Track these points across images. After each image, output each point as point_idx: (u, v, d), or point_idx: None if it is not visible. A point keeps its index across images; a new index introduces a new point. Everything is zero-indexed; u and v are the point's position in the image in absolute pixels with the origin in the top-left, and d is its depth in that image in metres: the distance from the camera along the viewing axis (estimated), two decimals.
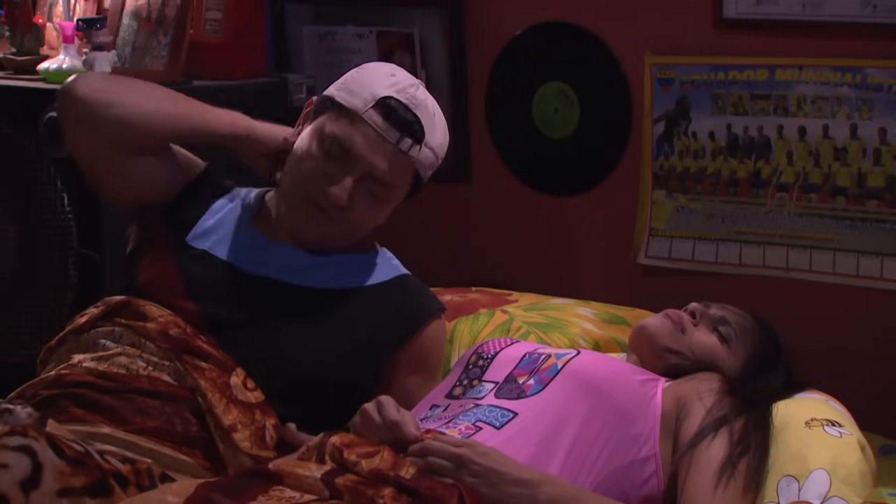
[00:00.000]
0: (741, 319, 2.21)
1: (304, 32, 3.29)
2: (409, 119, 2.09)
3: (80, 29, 2.92)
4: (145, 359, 2.01)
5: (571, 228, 3.00)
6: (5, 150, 2.88)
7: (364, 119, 2.08)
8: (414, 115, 2.09)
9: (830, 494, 1.92)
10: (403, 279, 2.23)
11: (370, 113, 2.08)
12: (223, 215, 2.20)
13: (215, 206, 2.21)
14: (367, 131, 2.08)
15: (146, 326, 2.03)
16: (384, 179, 2.10)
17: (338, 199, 2.08)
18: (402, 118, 2.09)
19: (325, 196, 2.08)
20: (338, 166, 2.08)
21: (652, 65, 2.80)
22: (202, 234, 2.17)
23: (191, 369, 1.99)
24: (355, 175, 2.08)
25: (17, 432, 1.72)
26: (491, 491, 1.80)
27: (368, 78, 2.13)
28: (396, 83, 2.12)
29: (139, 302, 2.08)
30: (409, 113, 2.09)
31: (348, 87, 2.13)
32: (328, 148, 2.09)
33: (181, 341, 2.02)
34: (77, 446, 1.76)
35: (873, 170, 2.57)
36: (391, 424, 1.88)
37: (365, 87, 2.11)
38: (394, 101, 2.09)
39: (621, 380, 2.04)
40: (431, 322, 2.21)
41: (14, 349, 2.87)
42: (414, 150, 2.10)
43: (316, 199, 2.10)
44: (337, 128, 2.09)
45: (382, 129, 2.08)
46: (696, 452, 1.93)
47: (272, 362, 2.06)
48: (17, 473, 1.67)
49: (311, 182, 2.10)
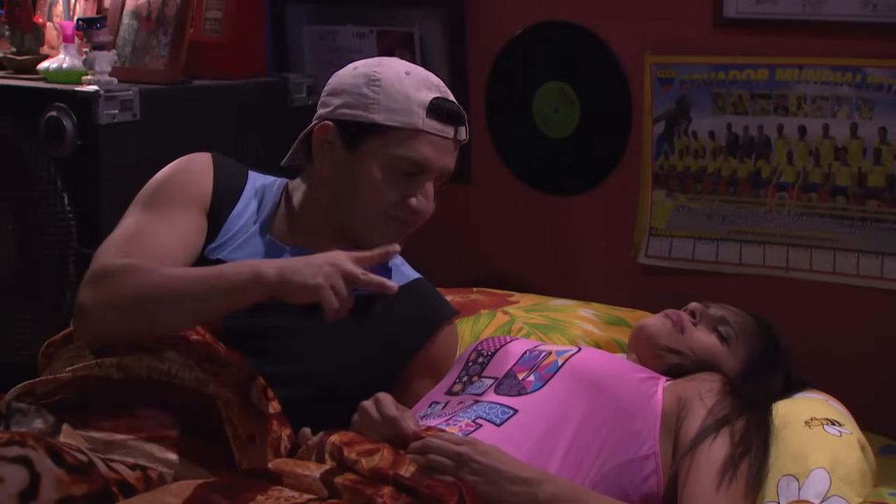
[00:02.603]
0: (741, 319, 2.21)
1: (304, 32, 3.29)
2: (456, 109, 2.11)
3: (80, 28, 2.92)
4: (166, 366, 1.98)
5: (571, 228, 3.00)
6: (5, 150, 2.88)
7: (426, 130, 2.07)
8: (456, 105, 2.12)
9: (830, 493, 1.92)
10: (416, 284, 2.23)
11: (429, 122, 2.07)
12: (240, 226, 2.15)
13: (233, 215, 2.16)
14: (432, 140, 2.08)
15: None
16: (452, 172, 2.14)
17: (428, 210, 2.11)
18: (451, 112, 2.10)
19: (412, 211, 2.09)
20: (412, 180, 2.09)
21: (652, 64, 2.80)
22: (220, 245, 2.13)
23: (211, 377, 1.98)
24: (433, 181, 2.10)
25: (15, 442, 1.71)
26: (491, 489, 1.80)
27: (397, 89, 2.08)
28: (419, 80, 2.11)
29: None
30: (452, 104, 2.11)
31: (384, 105, 2.07)
32: (401, 169, 2.08)
33: (201, 349, 2.00)
34: (80, 455, 1.75)
35: (873, 169, 2.57)
36: (390, 420, 1.88)
37: (403, 100, 2.07)
38: (439, 101, 2.09)
39: (622, 377, 2.04)
40: (444, 327, 2.21)
41: (14, 349, 2.87)
42: (465, 134, 2.14)
43: (400, 215, 2.10)
44: (401, 149, 2.07)
45: (443, 131, 2.09)
46: (697, 452, 1.93)
47: (292, 371, 2.05)
48: (13, 486, 1.66)
49: (392, 205, 2.09)
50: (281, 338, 2.07)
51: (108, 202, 2.61)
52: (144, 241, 2.02)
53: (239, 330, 2.05)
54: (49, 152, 2.80)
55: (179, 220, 2.07)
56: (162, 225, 2.05)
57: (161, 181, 2.13)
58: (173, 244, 2.03)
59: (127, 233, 2.05)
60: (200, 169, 2.16)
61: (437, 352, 2.20)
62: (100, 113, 2.74)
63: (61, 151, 2.79)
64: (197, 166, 2.17)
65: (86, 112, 2.75)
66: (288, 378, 2.03)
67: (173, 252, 2.02)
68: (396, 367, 2.15)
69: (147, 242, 2.01)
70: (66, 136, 2.76)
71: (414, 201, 2.09)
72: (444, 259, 2.98)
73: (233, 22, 3.02)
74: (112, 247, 2.02)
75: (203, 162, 2.18)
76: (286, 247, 2.13)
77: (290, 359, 2.06)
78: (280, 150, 2.23)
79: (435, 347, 2.19)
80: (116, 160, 2.77)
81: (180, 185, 2.12)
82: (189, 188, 2.12)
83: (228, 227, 2.14)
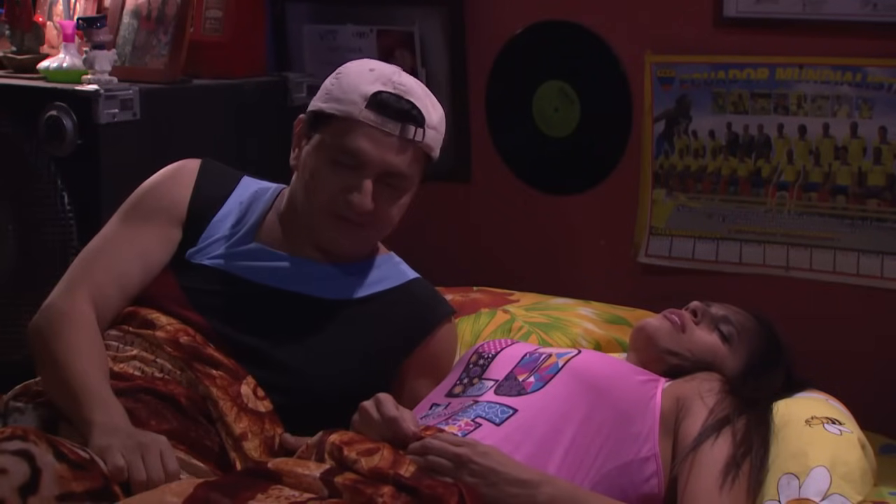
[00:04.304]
0: (742, 319, 2.21)
1: (305, 31, 3.29)
2: (405, 107, 2.06)
3: (81, 28, 2.92)
4: (159, 364, 2.00)
5: (571, 227, 3.00)
6: (5, 149, 2.88)
7: (362, 121, 2.05)
8: (408, 102, 2.07)
9: (831, 491, 1.92)
10: (412, 284, 2.22)
11: (366, 113, 2.05)
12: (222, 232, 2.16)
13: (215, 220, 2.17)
14: (369, 132, 2.05)
15: (155, 335, 2.02)
16: (400, 172, 2.08)
17: (362, 205, 2.05)
18: (397, 108, 2.06)
19: (349, 206, 2.05)
20: (352, 174, 2.05)
21: (652, 63, 2.80)
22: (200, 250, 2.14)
23: (202, 377, 1.99)
24: (372, 177, 2.05)
25: (17, 436, 1.71)
26: (490, 490, 1.80)
27: (349, 81, 2.09)
28: (378, 76, 2.08)
29: (146, 310, 2.07)
30: (402, 101, 2.06)
31: (333, 95, 2.08)
32: (337, 159, 2.06)
33: (192, 349, 2.01)
34: (82, 452, 1.75)
35: (873, 168, 2.57)
36: (389, 421, 1.88)
37: (350, 91, 2.07)
38: (384, 95, 2.06)
39: (622, 379, 2.04)
40: (441, 326, 2.20)
41: (14, 348, 2.87)
42: (418, 134, 2.07)
43: (340, 211, 2.07)
44: (339, 139, 2.05)
45: (383, 124, 2.05)
46: (699, 453, 1.93)
47: (285, 374, 2.05)
48: (15, 479, 1.66)
49: (330, 199, 2.07)
50: (276, 342, 2.07)
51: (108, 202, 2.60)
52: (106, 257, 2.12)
53: (232, 337, 2.05)
54: (49, 152, 2.79)
55: (145, 234, 2.13)
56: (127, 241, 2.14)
57: (141, 192, 2.20)
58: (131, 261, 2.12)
59: (98, 245, 2.15)
60: (182, 177, 2.20)
61: (436, 350, 2.19)
62: (100, 112, 2.74)
63: (61, 151, 2.78)
64: (179, 176, 2.20)
65: (86, 111, 2.75)
66: (279, 381, 2.04)
67: (131, 269, 2.11)
68: (394, 366, 2.15)
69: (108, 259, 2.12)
70: (67, 135, 2.76)
71: (355, 196, 2.05)
72: (444, 258, 2.98)
73: (233, 21, 3.02)
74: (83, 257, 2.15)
75: (188, 170, 2.21)
76: (275, 252, 2.13)
77: (280, 362, 2.05)
78: (280, 149, 2.23)
79: (433, 345, 2.18)
80: (116, 159, 2.77)
81: (158, 196, 2.17)
82: (165, 198, 2.17)
83: (210, 232, 2.15)
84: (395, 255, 2.24)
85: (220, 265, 2.12)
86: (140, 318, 2.06)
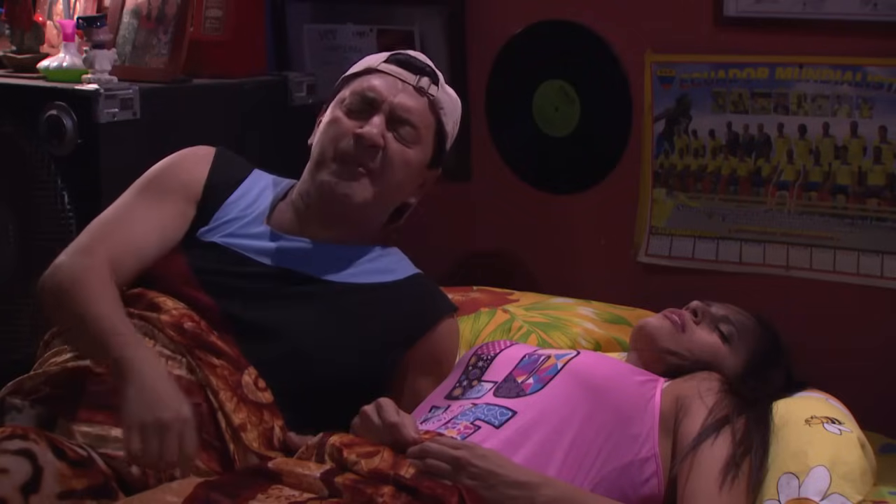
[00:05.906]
0: (743, 318, 2.21)
1: (305, 30, 3.29)
2: (423, 64, 2.18)
3: (80, 27, 2.92)
4: (158, 350, 1.99)
5: (572, 226, 2.99)
6: (5, 148, 2.88)
7: (380, 69, 2.16)
8: (427, 63, 2.19)
9: (831, 491, 1.92)
10: (416, 279, 2.23)
11: (385, 65, 2.17)
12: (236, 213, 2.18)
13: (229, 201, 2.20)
14: (385, 77, 2.16)
15: (160, 318, 2.02)
16: (410, 119, 2.14)
17: (371, 135, 2.10)
18: (416, 64, 2.18)
19: (359, 139, 2.11)
20: (364, 115, 2.13)
21: (652, 63, 2.80)
22: (212, 229, 2.16)
23: (203, 365, 1.99)
24: (383, 115, 2.12)
25: (17, 435, 1.72)
26: (490, 493, 1.80)
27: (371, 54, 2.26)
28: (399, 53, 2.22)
29: (154, 293, 2.07)
30: (420, 60, 2.19)
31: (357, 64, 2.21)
32: (349, 105, 2.14)
33: (195, 335, 2.01)
34: (81, 450, 1.76)
35: (874, 168, 2.57)
36: (390, 426, 1.88)
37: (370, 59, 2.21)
38: (404, 55, 2.19)
39: (621, 380, 2.04)
40: (442, 322, 2.21)
41: (14, 348, 2.87)
42: (433, 88, 2.17)
43: (348, 150, 2.12)
44: (357, 86, 2.15)
45: (400, 73, 2.16)
46: (698, 452, 1.93)
47: (287, 356, 2.05)
48: (16, 478, 1.67)
49: (340, 138, 2.12)
50: (280, 325, 2.07)
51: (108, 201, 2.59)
52: (124, 227, 2.12)
53: (237, 316, 2.06)
54: (49, 151, 2.79)
55: (163, 209, 2.15)
56: (145, 213, 2.14)
57: (158, 170, 2.22)
58: (149, 232, 2.13)
59: (114, 215, 2.16)
60: (199, 158, 2.24)
61: (437, 345, 2.20)
62: (100, 111, 2.74)
63: (61, 150, 2.78)
64: (196, 156, 2.25)
65: (86, 111, 2.75)
66: (281, 364, 2.04)
67: (149, 240, 2.12)
68: (395, 359, 2.15)
69: (125, 229, 2.12)
70: (66, 134, 2.76)
71: (365, 128, 2.11)
72: (444, 258, 2.98)
73: (233, 20, 3.02)
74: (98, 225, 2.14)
75: (204, 153, 2.26)
76: (284, 235, 2.15)
77: (288, 347, 2.06)
78: (280, 148, 2.24)
79: (434, 340, 2.19)
80: (116, 159, 2.76)
81: (175, 173, 2.20)
82: (183, 176, 2.20)
83: (223, 212, 2.18)
84: (400, 251, 2.26)
85: (230, 243, 2.14)
86: (147, 300, 2.06)
